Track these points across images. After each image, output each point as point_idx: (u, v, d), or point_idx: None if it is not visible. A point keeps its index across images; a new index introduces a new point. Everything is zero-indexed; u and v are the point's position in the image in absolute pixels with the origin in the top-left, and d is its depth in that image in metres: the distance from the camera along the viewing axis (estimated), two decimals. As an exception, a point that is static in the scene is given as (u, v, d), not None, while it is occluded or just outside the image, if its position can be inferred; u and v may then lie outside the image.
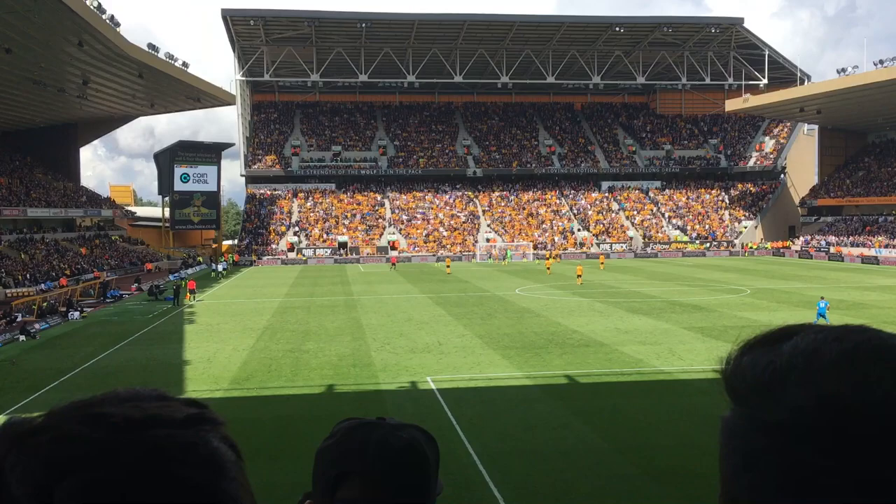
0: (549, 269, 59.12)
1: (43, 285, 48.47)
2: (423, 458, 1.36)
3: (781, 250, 79.26)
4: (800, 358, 0.65)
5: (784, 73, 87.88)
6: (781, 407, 0.63)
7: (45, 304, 39.70)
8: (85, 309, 39.94)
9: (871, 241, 70.34)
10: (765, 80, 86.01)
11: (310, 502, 1.27)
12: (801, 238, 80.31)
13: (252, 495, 0.65)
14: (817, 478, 0.59)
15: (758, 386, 0.66)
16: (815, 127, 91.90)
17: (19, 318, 35.81)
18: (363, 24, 78.19)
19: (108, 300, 45.95)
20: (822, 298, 30.76)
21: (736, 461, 0.66)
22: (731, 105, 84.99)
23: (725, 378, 0.70)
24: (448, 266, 63.07)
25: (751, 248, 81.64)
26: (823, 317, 28.87)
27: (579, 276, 49.24)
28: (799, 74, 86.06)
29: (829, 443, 0.59)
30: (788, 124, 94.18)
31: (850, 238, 73.98)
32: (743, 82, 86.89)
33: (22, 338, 31.03)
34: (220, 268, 64.34)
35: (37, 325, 33.75)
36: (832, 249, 72.77)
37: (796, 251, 77.18)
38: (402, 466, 1.32)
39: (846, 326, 0.68)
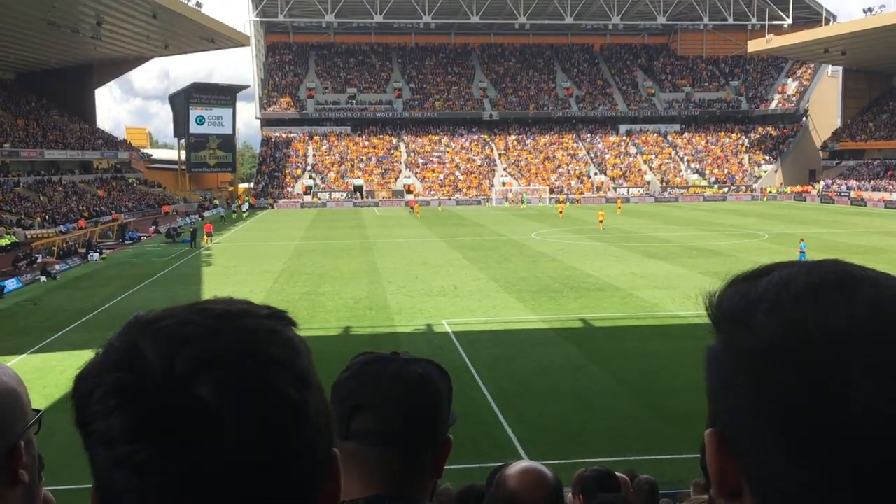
0: (561, 213, 58.73)
1: (62, 227, 48.87)
2: (435, 391, 1.41)
3: (802, 194, 78.28)
4: (771, 289, 0.72)
5: (809, 13, 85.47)
6: (751, 333, 0.70)
7: (64, 245, 40.11)
8: (104, 250, 40.35)
9: (893, 186, 69.29)
10: (789, 20, 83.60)
11: None
12: (822, 182, 79.23)
13: (318, 377, 0.78)
14: (784, 395, 0.65)
15: (732, 315, 0.75)
16: (840, 69, 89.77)
17: (40, 259, 36.22)
18: (378, -37, 76.72)
19: (126, 242, 46.38)
20: (802, 241, 31.90)
21: (715, 384, 0.76)
22: (754, 46, 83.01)
23: (708, 309, 0.79)
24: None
25: (770, 192, 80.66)
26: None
27: (601, 220, 48.40)
28: (824, 14, 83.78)
29: (794, 363, 0.65)
30: (812, 66, 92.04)
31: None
32: (766, 22, 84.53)
33: (43, 278, 31.46)
34: (244, 207, 69.40)
35: (57, 267, 34.19)
36: (853, 194, 71.78)
37: (817, 195, 76.22)
38: (414, 399, 1.38)
39: (820, 261, 0.74)
